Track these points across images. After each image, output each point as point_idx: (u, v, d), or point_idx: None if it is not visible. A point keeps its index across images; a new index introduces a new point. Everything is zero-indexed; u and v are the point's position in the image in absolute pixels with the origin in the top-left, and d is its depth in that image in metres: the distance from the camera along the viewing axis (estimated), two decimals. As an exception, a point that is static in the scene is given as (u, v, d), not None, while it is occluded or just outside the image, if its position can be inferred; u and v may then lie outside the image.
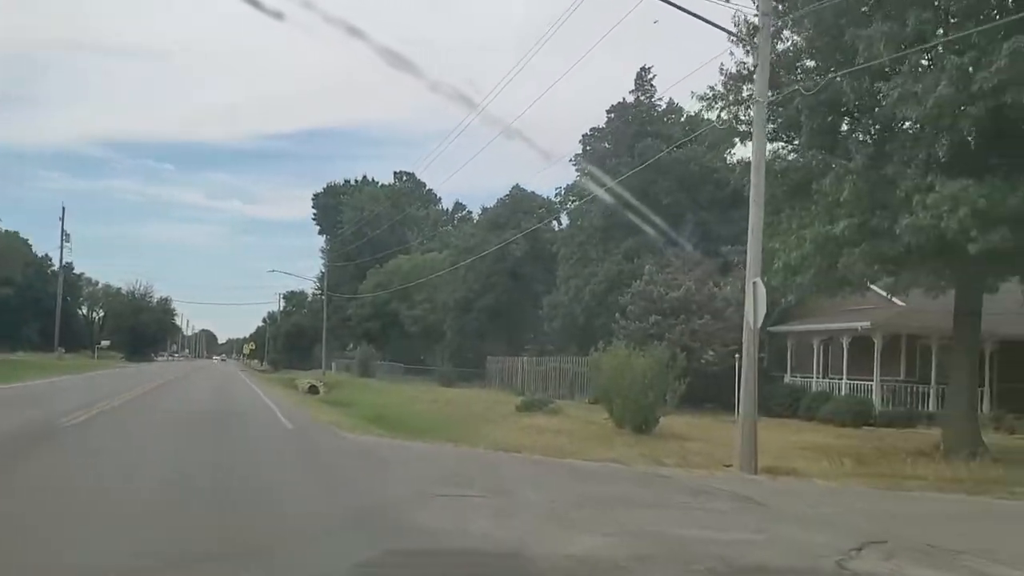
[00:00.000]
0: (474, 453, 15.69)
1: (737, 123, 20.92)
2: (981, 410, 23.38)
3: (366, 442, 17.38)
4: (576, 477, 13.01)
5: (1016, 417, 25.30)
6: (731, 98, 20.71)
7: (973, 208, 15.17)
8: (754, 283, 14.35)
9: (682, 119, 38.86)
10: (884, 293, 27.78)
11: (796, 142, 20.73)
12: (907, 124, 17.27)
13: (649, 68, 39.91)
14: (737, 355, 27.65)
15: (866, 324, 27.65)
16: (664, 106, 39.20)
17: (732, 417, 26.28)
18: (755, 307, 14.18)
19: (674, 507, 9.95)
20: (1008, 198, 15.56)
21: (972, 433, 18.82)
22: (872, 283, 19.64)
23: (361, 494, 10.77)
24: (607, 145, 38.26)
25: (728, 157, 37.49)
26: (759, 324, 14.30)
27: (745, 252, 21.39)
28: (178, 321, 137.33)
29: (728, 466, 14.99)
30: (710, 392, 29.09)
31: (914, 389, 28.18)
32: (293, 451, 15.96)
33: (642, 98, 38.49)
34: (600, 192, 35.47)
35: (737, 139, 21.15)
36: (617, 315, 31.89)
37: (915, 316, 27.73)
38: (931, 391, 27.84)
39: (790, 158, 21.62)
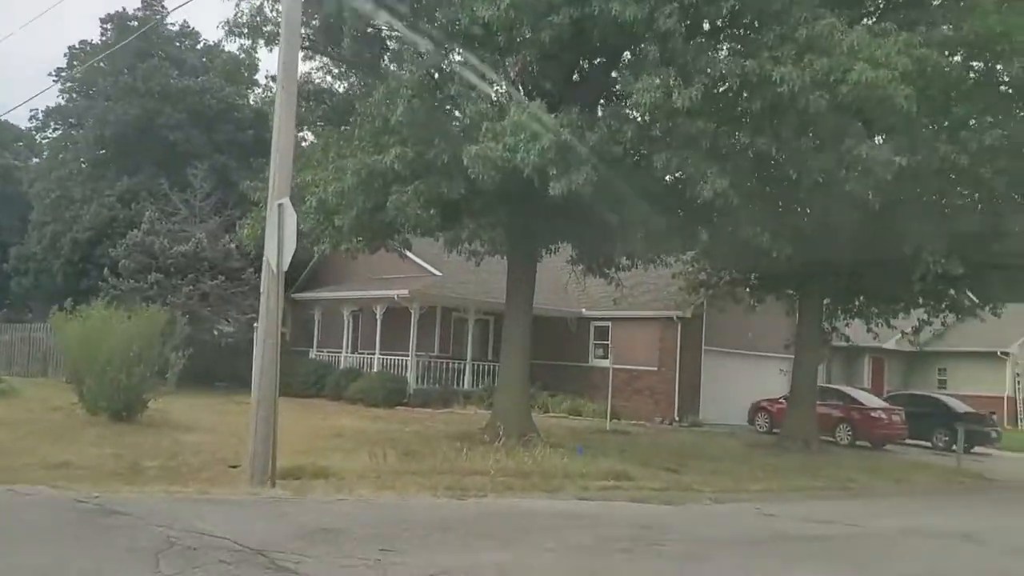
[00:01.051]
0: None
1: (263, 22, 16.34)
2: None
3: None
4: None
5: (550, 395, 24.33)
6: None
7: (557, 141, 12.23)
8: (280, 205, 9.65)
9: (198, 46, 32.77)
10: (420, 260, 25.11)
11: (337, 54, 16.80)
12: (475, 32, 13.76)
13: (158, -11, 32.83)
14: (256, 324, 23.26)
15: (403, 292, 24.90)
16: (177, 29, 32.63)
17: (248, 397, 21.77)
18: (281, 239, 9.50)
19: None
20: (586, 134, 12.97)
21: (524, 415, 16.82)
22: (426, 233, 16.11)
23: None
24: (102, 64, 30.59)
25: (249, 94, 32.67)
26: (285, 264, 9.66)
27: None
28: None
29: (235, 467, 10.92)
30: (224, 368, 24.85)
31: (449, 365, 26.18)
32: None
33: (149, 15, 31.43)
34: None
35: (262, 41, 16.42)
36: (106, 271, 25.09)
37: (453, 287, 25.81)
38: (466, 367, 26.23)
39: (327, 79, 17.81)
